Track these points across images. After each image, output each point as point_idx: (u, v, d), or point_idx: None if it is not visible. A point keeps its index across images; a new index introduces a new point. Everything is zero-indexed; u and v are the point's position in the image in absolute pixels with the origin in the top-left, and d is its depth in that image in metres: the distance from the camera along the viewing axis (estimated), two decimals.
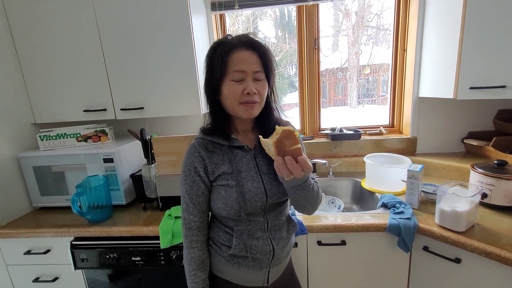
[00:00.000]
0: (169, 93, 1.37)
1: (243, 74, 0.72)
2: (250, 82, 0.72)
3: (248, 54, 0.72)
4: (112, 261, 1.17)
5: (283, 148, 0.64)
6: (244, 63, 0.72)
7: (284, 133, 0.64)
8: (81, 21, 1.31)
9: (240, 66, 0.71)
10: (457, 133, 1.61)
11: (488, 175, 1.10)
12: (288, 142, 0.64)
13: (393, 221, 1.06)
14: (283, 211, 0.85)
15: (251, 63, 0.72)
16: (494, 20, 1.08)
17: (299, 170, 0.65)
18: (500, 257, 0.85)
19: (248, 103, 0.73)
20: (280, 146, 0.64)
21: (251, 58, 0.72)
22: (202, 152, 0.78)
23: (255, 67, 0.72)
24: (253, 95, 0.73)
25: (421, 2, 1.45)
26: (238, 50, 0.72)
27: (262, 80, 0.75)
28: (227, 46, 0.72)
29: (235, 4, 1.56)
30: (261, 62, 0.74)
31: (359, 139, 1.68)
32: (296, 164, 0.65)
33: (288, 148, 0.64)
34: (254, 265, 0.80)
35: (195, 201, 0.78)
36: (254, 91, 0.72)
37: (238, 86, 0.72)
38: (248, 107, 0.74)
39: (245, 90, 0.72)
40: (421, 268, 1.08)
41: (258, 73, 0.73)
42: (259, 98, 0.74)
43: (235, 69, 0.71)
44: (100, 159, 1.33)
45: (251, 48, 0.73)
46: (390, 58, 1.69)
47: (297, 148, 0.64)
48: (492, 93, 1.13)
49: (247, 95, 0.72)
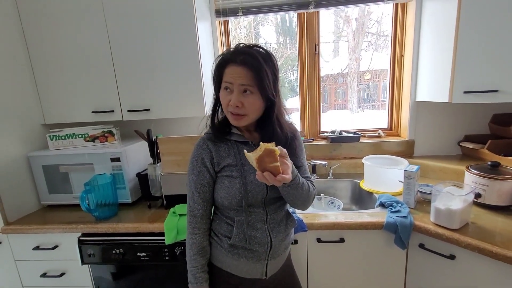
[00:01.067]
0: (174, 95, 1.42)
1: (230, 85, 0.78)
2: (236, 94, 0.77)
3: (238, 69, 0.76)
4: (118, 257, 1.21)
5: (263, 164, 0.69)
6: (232, 76, 0.77)
7: (266, 151, 0.68)
8: (92, 25, 1.37)
9: (228, 78, 0.78)
10: (454, 136, 1.65)
11: (482, 175, 1.14)
12: (268, 159, 0.68)
13: (390, 219, 1.10)
14: (282, 206, 0.89)
15: (239, 77, 0.76)
16: (486, 28, 1.13)
17: (277, 182, 0.69)
18: (492, 253, 0.89)
19: (233, 114, 0.79)
20: (260, 162, 0.68)
21: (240, 72, 0.76)
22: (210, 145, 0.84)
23: (243, 80, 0.76)
24: (236, 108, 0.77)
25: (417, 10, 1.51)
26: (232, 65, 0.77)
27: (252, 93, 0.77)
28: (225, 59, 0.79)
29: (239, 11, 1.62)
30: (253, 76, 0.76)
31: (358, 142, 1.73)
32: (274, 178, 0.68)
33: (268, 165, 0.68)
34: (253, 256, 0.84)
35: (200, 190, 0.83)
36: (236, 103, 0.76)
37: (227, 96, 0.79)
38: (234, 117, 0.80)
39: (230, 102, 0.77)
40: (417, 264, 1.12)
41: (245, 86, 0.76)
42: (245, 110, 0.78)
43: (225, 80, 0.79)
44: (107, 158, 1.38)
45: (243, 65, 0.76)
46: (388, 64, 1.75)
47: (276, 166, 0.68)
48: (485, 97, 1.17)
49: (231, 106, 0.78)
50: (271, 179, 0.68)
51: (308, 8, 1.58)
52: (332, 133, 1.77)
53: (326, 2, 1.57)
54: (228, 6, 1.63)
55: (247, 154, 0.71)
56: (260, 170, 0.69)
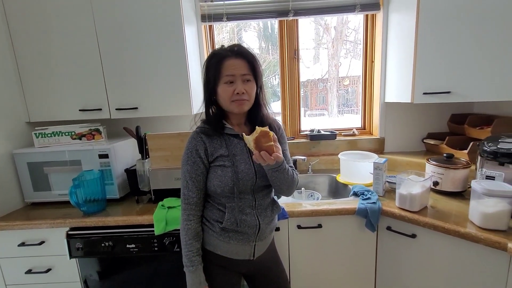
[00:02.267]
0: (162, 94, 1.48)
1: (233, 77, 0.88)
2: (239, 83, 0.88)
3: (237, 61, 0.88)
4: (107, 249, 1.25)
5: (260, 145, 0.81)
6: (233, 68, 0.88)
7: (262, 133, 0.81)
8: (80, 24, 1.41)
9: (230, 71, 0.87)
10: (418, 134, 1.84)
11: (439, 166, 1.30)
12: (264, 140, 0.81)
13: (361, 205, 1.23)
14: (269, 193, 0.99)
15: (240, 68, 0.88)
16: (440, 38, 1.31)
17: (271, 160, 0.81)
18: (444, 229, 1.03)
19: (238, 101, 0.89)
20: (257, 142, 0.81)
21: (239, 64, 0.88)
22: (203, 137, 0.92)
23: (243, 71, 0.88)
24: (242, 94, 0.88)
25: (384, 21, 1.69)
26: (229, 59, 0.88)
27: (250, 81, 0.90)
28: (220, 56, 0.89)
29: (223, 17, 1.73)
30: (249, 67, 0.89)
31: (335, 140, 1.87)
32: (269, 156, 0.81)
33: (264, 145, 0.81)
34: (243, 238, 0.93)
35: (194, 179, 0.91)
36: (242, 91, 0.88)
37: (230, 88, 0.88)
38: (238, 104, 0.89)
39: (235, 91, 0.87)
40: (385, 244, 1.25)
41: (246, 75, 0.89)
42: (248, 96, 0.90)
43: (226, 74, 0.88)
44: (95, 155, 1.41)
45: (240, 56, 0.89)
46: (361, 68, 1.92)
47: (271, 145, 0.81)
48: (440, 98, 1.35)
49: (237, 95, 0.88)
50: (267, 157, 0.80)
51: (288, 16, 1.72)
52: (311, 132, 1.90)
53: (303, 11, 1.71)
54: (213, 12, 1.72)
55: (246, 137, 0.83)
56: (257, 150, 0.80)
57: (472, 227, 1.00)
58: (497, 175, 1.07)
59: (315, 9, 1.71)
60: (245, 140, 0.84)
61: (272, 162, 0.83)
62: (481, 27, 1.23)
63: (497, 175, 1.07)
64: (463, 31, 1.26)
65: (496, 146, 1.05)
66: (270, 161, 0.82)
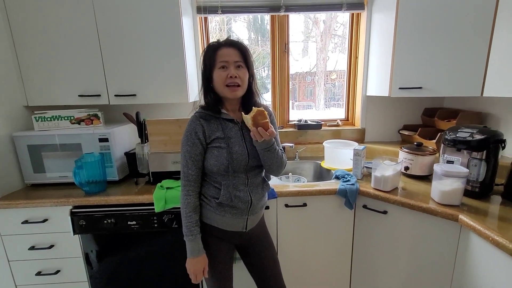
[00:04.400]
0: (160, 82, 1.56)
1: (226, 63, 0.99)
2: (232, 69, 1.00)
3: (230, 50, 1.00)
4: (109, 226, 1.34)
5: (256, 121, 0.96)
6: (226, 55, 1.00)
7: (258, 111, 0.96)
8: (79, 10, 1.45)
9: (223, 58, 0.99)
10: (395, 125, 2.03)
11: (409, 152, 1.48)
12: (260, 117, 0.96)
13: (341, 187, 1.38)
14: (260, 172, 1.12)
15: (232, 55, 1.00)
16: (415, 39, 1.46)
17: (266, 135, 0.96)
18: (410, 205, 1.21)
19: (231, 86, 1.00)
20: (255, 120, 0.96)
21: (232, 52, 1.00)
22: (202, 121, 1.03)
23: (235, 58, 1.00)
24: (235, 79, 1.00)
25: (368, 20, 1.83)
26: (223, 48, 1.01)
27: (242, 68, 1.01)
28: (215, 46, 1.02)
29: (218, 10, 1.80)
30: (241, 55, 1.01)
31: (321, 129, 2.02)
32: (265, 132, 0.96)
33: (260, 122, 0.96)
34: (236, 212, 1.06)
35: (193, 158, 1.02)
36: (235, 74, 0.99)
37: (223, 73, 1.00)
38: (231, 89, 1.01)
39: (229, 75, 0.99)
40: (362, 220, 1.42)
41: (238, 62, 1.00)
42: (241, 81, 1.01)
43: (220, 60, 0.99)
44: (95, 139, 1.48)
45: (232, 46, 1.01)
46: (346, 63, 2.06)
47: (266, 122, 0.96)
48: (413, 92, 1.51)
49: (230, 78, 0.99)
50: (263, 133, 0.95)
51: (279, 12, 1.82)
52: (299, 122, 2.04)
53: (294, 7, 1.82)
54: (208, 4, 1.80)
55: (245, 115, 0.97)
56: (254, 127, 0.95)
57: (433, 203, 1.18)
58: (455, 159, 1.25)
59: (305, 6, 1.83)
60: (244, 118, 0.98)
61: (268, 138, 0.97)
62: (448, 31, 1.39)
63: (455, 160, 1.25)
64: (434, 33, 1.42)
65: (455, 135, 1.23)
66: (266, 136, 0.96)
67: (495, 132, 1.18)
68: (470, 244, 1.06)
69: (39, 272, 1.43)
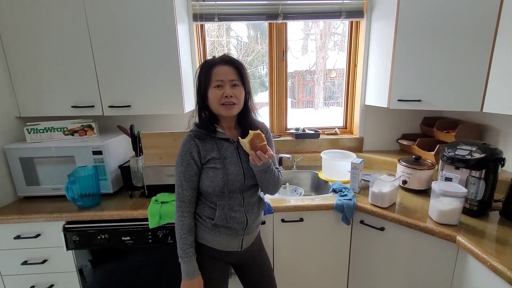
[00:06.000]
0: (155, 93, 1.53)
1: (221, 82, 0.97)
2: (228, 88, 0.97)
3: (225, 68, 0.98)
4: (103, 241, 1.33)
5: (254, 145, 0.94)
6: (222, 74, 0.97)
7: (255, 135, 0.94)
8: (72, 21, 1.41)
9: (219, 77, 0.97)
10: (394, 134, 2.01)
11: (407, 166, 1.46)
12: (258, 140, 0.94)
13: (339, 202, 1.37)
14: (256, 192, 1.10)
15: (228, 74, 0.97)
16: (414, 52, 1.43)
17: (266, 158, 0.94)
18: (407, 223, 1.19)
19: (226, 104, 0.98)
20: (252, 143, 0.94)
21: (228, 71, 0.98)
22: (197, 140, 1.00)
23: (231, 76, 0.98)
24: (230, 98, 0.97)
25: (367, 29, 1.80)
26: (218, 66, 0.98)
27: (238, 86, 0.99)
28: (210, 64, 0.99)
29: (215, 17, 1.77)
30: (237, 73, 0.99)
31: (318, 138, 2.00)
32: (264, 155, 0.94)
33: (258, 145, 0.94)
34: (232, 233, 1.04)
35: (188, 179, 1.00)
36: (231, 94, 0.97)
37: (219, 92, 0.97)
38: (227, 107, 0.98)
39: (224, 94, 0.96)
40: (358, 236, 1.41)
41: (234, 81, 0.98)
42: (236, 100, 0.99)
43: (216, 79, 0.97)
44: (89, 151, 1.46)
45: (228, 64, 0.99)
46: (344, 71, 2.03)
47: (264, 145, 0.95)
48: (412, 105, 1.49)
49: (225, 98, 0.97)
50: (262, 156, 0.93)
51: (277, 19, 1.79)
52: (297, 130, 2.02)
53: (292, 15, 1.78)
54: (205, 12, 1.76)
55: (241, 140, 0.95)
56: (252, 150, 0.93)
57: (430, 222, 1.17)
58: (454, 176, 1.23)
59: (303, 14, 1.79)
60: (241, 143, 0.96)
61: (267, 160, 0.95)
62: (449, 43, 1.36)
63: (454, 177, 1.24)
64: (434, 45, 1.39)
65: (454, 153, 1.21)
66: (265, 159, 0.94)
67: (495, 150, 1.16)
68: (468, 266, 1.04)
69: (32, 287, 1.41)
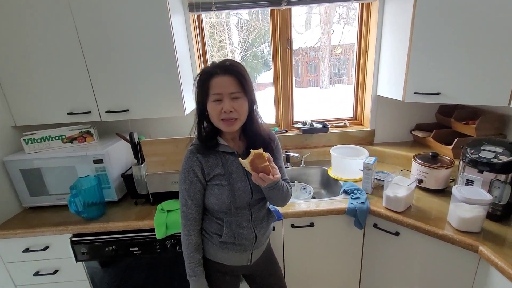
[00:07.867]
0: (153, 95, 1.44)
1: (220, 95, 0.87)
2: (227, 101, 0.87)
3: (225, 78, 0.86)
4: (111, 253, 1.31)
5: (255, 166, 0.85)
6: (220, 87, 0.86)
7: (255, 155, 0.84)
8: (57, 23, 1.30)
9: (217, 90, 0.86)
10: (407, 125, 1.89)
11: (424, 165, 1.37)
12: (259, 161, 0.84)
13: (351, 206, 1.31)
14: (264, 205, 1.04)
15: (227, 86, 0.86)
16: (434, 41, 1.28)
17: (270, 179, 0.85)
18: (425, 230, 1.13)
19: (226, 120, 0.89)
20: (253, 164, 0.85)
21: (227, 82, 0.86)
22: (199, 156, 0.93)
23: (231, 89, 0.87)
24: (230, 113, 0.88)
25: (380, 11, 1.63)
26: (217, 77, 0.87)
27: (239, 98, 0.88)
28: (208, 74, 0.88)
29: (212, 6, 1.62)
30: (238, 83, 0.87)
31: (327, 132, 1.90)
32: (267, 176, 0.84)
33: (259, 166, 0.84)
34: (240, 249, 1.00)
35: (193, 197, 0.94)
36: (230, 109, 0.87)
37: (217, 106, 0.88)
38: (227, 123, 0.89)
39: (223, 109, 0.87)
40: (371, 240, 1.36)
41: (234, 93, 0.87)
42: (237, 114, 0.89)
43: (214, 93, 0.87)
44: (90, 160, 1.40)
45: (228, 73, 0.87)
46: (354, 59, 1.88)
47: (266, 165, 0.85)
48: (431, 98, 1.37)
49: (224, 113, 0.87)
50: (266, 178, 0.84)
51: (281, 5, 1.63)
52: (304, 125, 1.92)
53: (296, 0, 1.62)
54: (201, 0, 1.61)
55: (242, 161, 0.86)
56: (254, 171, 0.84)
57: (450, 229, 1.10)
58: (476, 179, 1.15)
59: None
60: (241, 163, 0.87)
61: (271, 182, 0.86)
62: (473, 31, 1.20)
63: (476, 179, 1.15)
64: (458, 31, 1.23)
65: (478, 155, 1.11)
66: (269, 181, 0.85)
67: None
68: (490, 279, 0.99)
69: None
